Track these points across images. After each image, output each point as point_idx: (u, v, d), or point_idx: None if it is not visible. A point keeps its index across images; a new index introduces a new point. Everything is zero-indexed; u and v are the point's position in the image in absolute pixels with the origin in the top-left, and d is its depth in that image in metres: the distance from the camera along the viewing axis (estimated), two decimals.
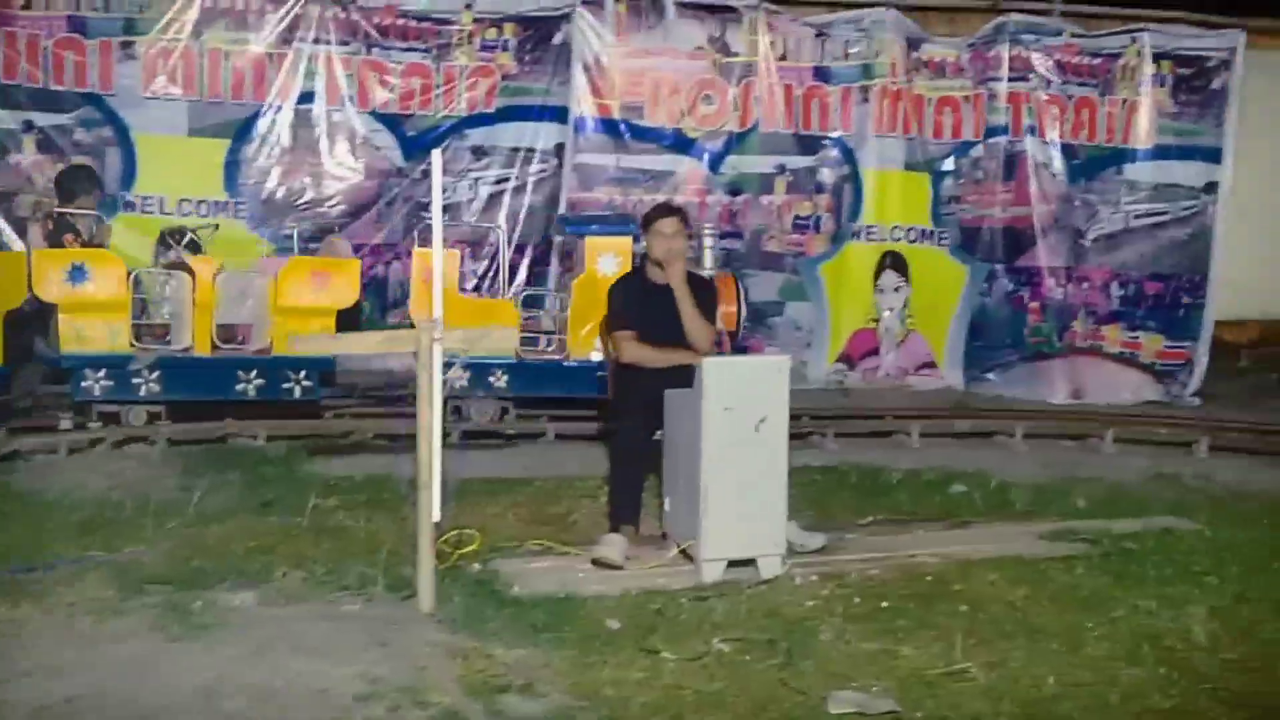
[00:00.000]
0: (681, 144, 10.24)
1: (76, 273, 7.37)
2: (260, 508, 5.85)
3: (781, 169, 10.55)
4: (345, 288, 7.82)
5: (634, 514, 5.38)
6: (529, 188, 10.00)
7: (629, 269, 7.73)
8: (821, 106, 10.48)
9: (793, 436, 5.31)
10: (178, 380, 7.58)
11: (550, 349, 8.40)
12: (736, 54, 10.23)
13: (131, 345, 7.49)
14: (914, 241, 10.72)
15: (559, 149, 10.02)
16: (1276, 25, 11.27)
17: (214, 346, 7.68)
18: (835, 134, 10.54)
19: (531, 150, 9.99)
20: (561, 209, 9.92)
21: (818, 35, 10.43)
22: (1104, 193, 10.78)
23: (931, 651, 4.23)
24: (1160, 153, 10.76)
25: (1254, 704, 3.86)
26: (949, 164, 10.77)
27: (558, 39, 9.93)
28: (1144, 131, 10.71)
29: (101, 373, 7.42)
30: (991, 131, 10.70)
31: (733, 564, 5.01)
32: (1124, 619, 4.59)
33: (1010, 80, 10.61)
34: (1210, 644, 4.34)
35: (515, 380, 8.22)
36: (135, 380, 7.49)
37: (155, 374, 7.50)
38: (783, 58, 10.37)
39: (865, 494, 6.74)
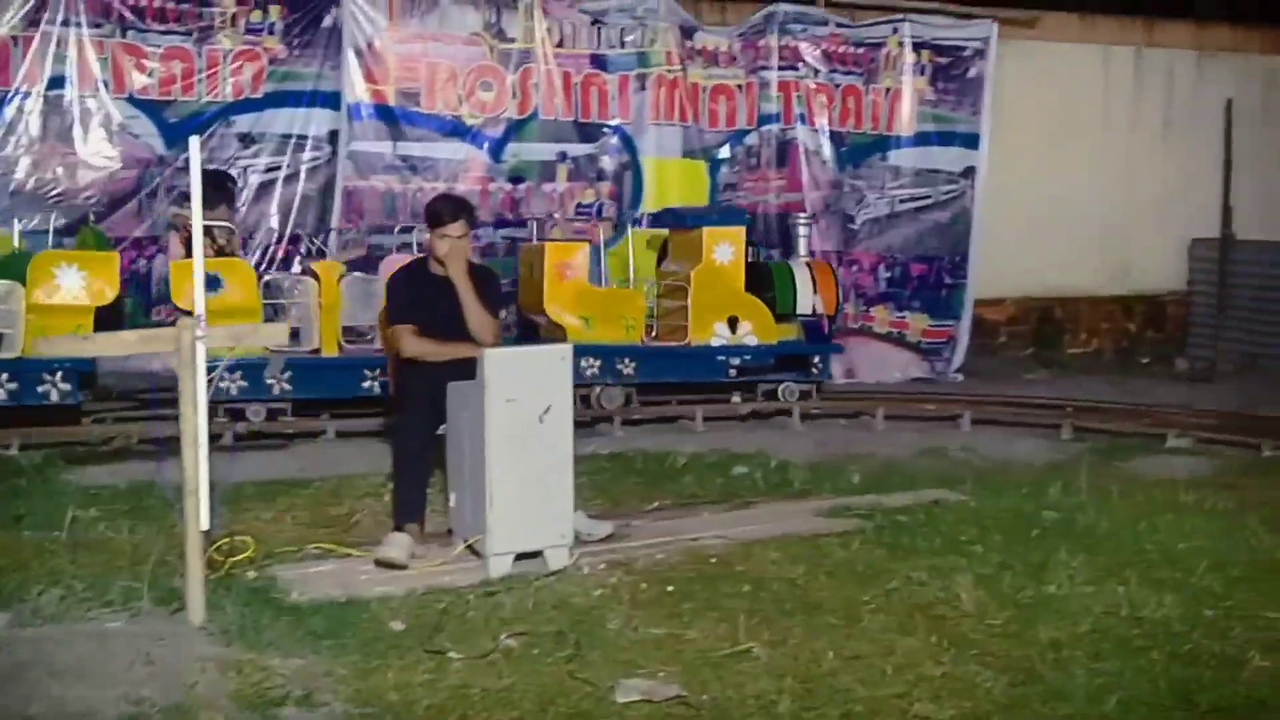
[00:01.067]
0: (461, 131, 10.10)
1: (211, 281, 7.26)
2: (12, 522, 5.47)
3: (563, 156, 10.53)
4: None
5: (419, 511, 5.27)
6: (301, 176, 9.68)
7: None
8: (600, 94, 10.52)
9: (579, 425, 5.31)
10: (307, 379, 7.86)
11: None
12: (513, 40, 10.15)
13: (264, 348, 7.53)
14: None
15: (333, 136, 9.73)
16: (1025, 15, 11.90)
17: (340, 347, 8.01)
18: (614, 122, 10.59)
19: (304, 137, 9.67)
20: (337, 198, 9.65)
21: (594, 23, 10.45)
22: (871, 178, 11.21)
23: (717, 633, 4.30)
24: (922, 139, 11.26)
25: (1017, 667, 4.06)
26: (725, 151, 10.96)
27: (327, 22, 9.63)
28: (906, 119, 11.18)
29: (237, 374, 7.56)
30: (764, 119, 10.95)
31: (520, 557, 4.96)
32: (897, 590, 4.76)
33: (780, 69, 10.89)
34: (977, 611, 4.55)
35: (643, 367, 8.70)
36: (269, 381, 7.74)
37: (286, 374, 7.76)
38: (560, 45, 10.35)
39: (652, 479, 6.82)
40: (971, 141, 11.33)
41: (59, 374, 7.26)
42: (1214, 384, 11.20)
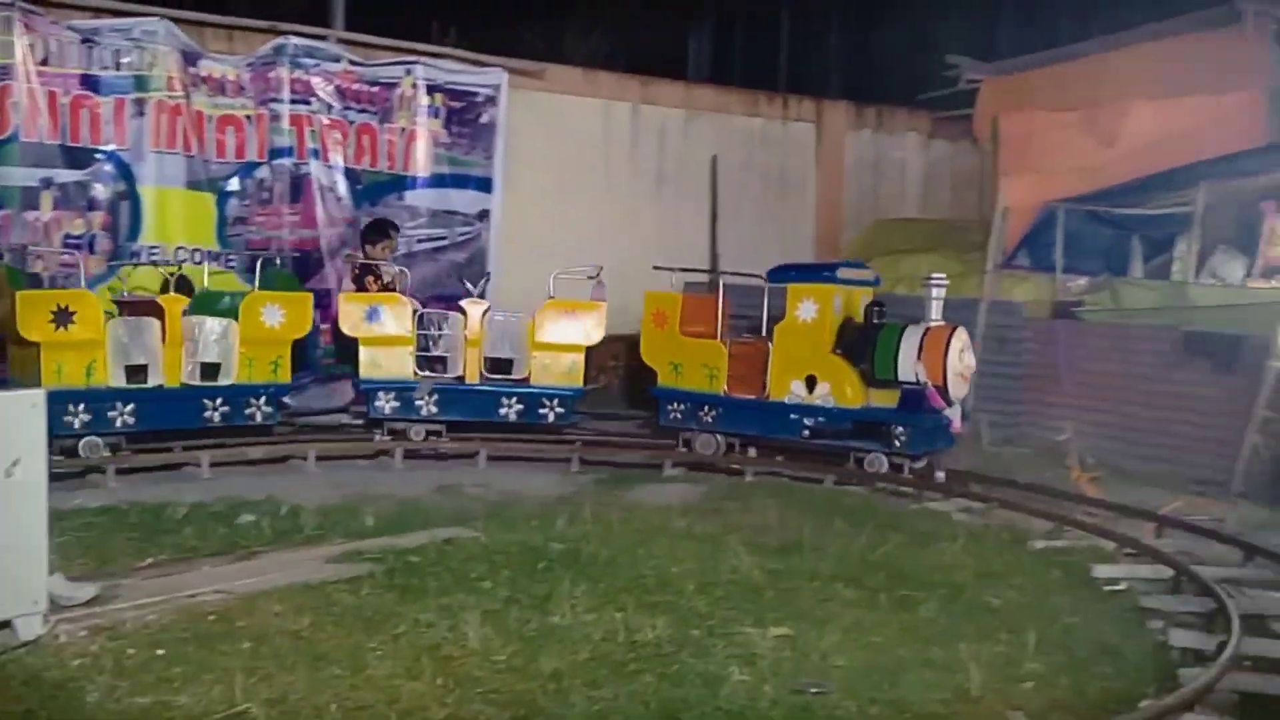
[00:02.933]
0: None
1: (373, 313, 8.95)
2: None
3: (48, 183, 9.65)
4: (593, 326, 9.20)
5: None
6: None
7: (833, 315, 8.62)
8: (92, 117, 9.76)
9: (63, 477, 4.83)
10: (452, 403, 9.08)
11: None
12: None
13: (415, 374, 8.98)
14: (200, 263, 10.30)
15: None
16: (534, 67, 12.39)
17: (482, 376, 9.08)
18: (109, 147, 9.86)
19: None
20: None
21: (84, 41, 9.68)
22: (388, 217, 11.15)
23: (211, 696, 4.04)
24: (438, 181, 11.39)
25: (520, 701, 4.14)
26: (234, 184, 10.51)
27: None
28: (422, 160, 11.26)
29: (392, 395, 8.87)
30: (276, 153, 10.62)
31: None
32: (405, 634, 4.72)
33: (292, 102, 10.61)
34: (483, 648, 4.60)
35: (723, 416, 9.05)
36: (418, 403, 8.98)
37: (434, 397, 9.00)
38: (44, 62, 9.49)
39: (148, 533, 6.33)
40: (485, 185, 11.62)
41: (263, 399, 8.61)
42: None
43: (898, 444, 8.41)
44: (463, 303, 9.26)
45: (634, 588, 5.49)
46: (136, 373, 8.11)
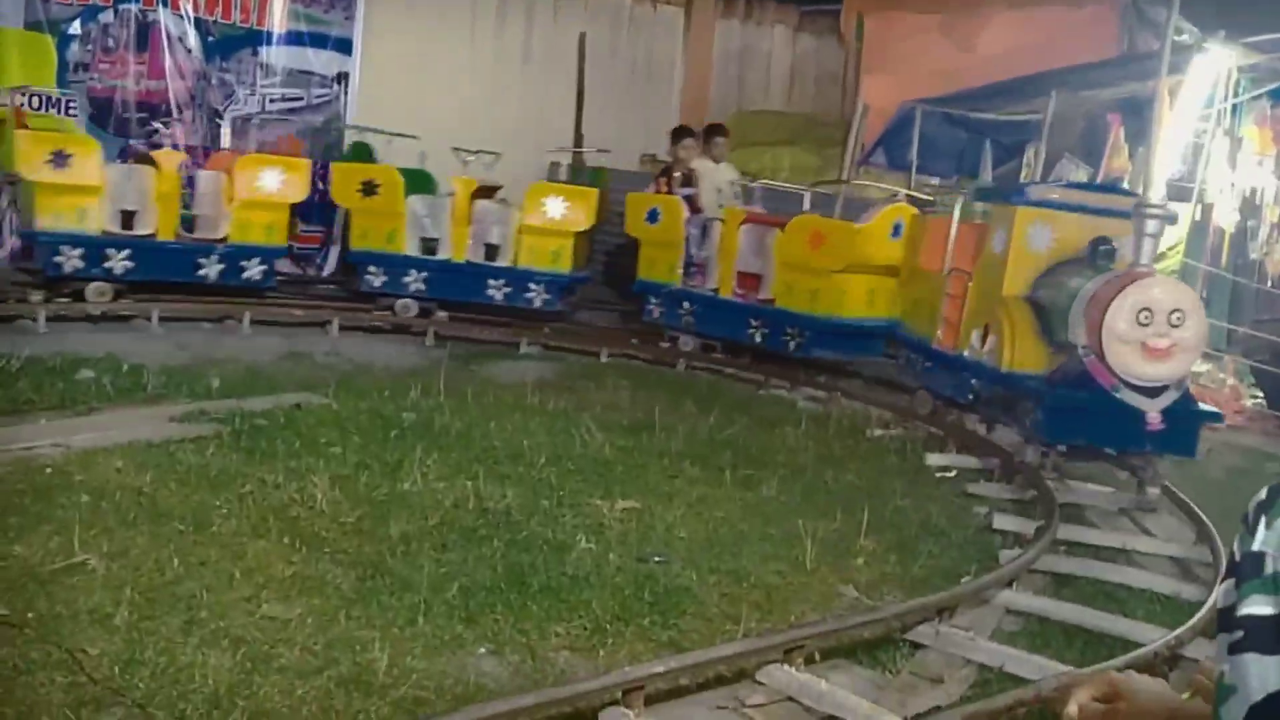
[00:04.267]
0: None
1: (652, 215, 9.50)
2: None
3: None
4: (842, 249, 8.50)
5: None
6: None
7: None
8: None
9: None
10: (710, 317, 9.16)
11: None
12: None
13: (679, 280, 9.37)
14: (39, 109, 9.77)
15: None
16: None
17: (734, 291, 9.13)
18: None
19: None
20: None
21: None
22: (240, 73, 10.75)
23: (49, 547, 3.95)
24: (295, 38, 10.96)
25: (367, 562, 4.16)
26: (75, 27, 9.95)
27: None
28: (278, 16, 10.82)
29: (662, 297, 9.42)
30: None
31: None
32: (252, 494, 4.68)
33: None
34: (331, 510, 4.60)
35: (931, 371, 7.57)
36: (679, 310, 9.30)
37: (695, 307, 9.21)
38: None
39: None
40: (345, 47, 11.25)
41: (544, 284, 9.42)
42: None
43: (1027, 424, 6.44)
44: (723, 210, 9.39)
45: (485, 458, 5.53)
46: (427, 246, 9.36)
